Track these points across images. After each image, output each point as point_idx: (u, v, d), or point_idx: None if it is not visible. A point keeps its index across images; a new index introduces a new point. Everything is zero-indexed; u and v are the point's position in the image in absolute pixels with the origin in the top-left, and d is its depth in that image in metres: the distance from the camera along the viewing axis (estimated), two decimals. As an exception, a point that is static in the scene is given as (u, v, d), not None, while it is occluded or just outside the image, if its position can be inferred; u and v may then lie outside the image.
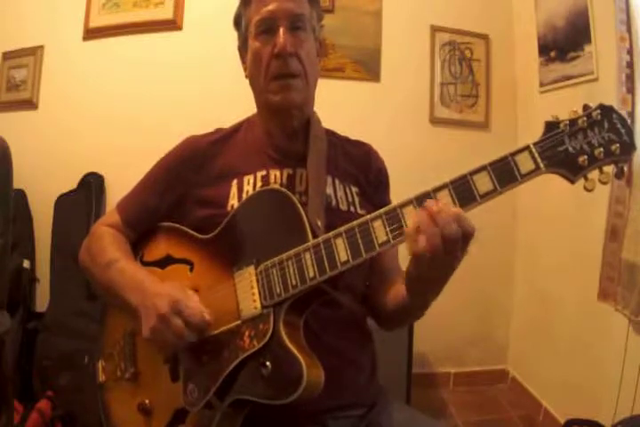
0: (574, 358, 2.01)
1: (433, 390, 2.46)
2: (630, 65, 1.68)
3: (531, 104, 2.42)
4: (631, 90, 1.67)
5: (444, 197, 0.68)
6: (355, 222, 0.74)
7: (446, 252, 0.65)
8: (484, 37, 2.55)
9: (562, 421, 1.87)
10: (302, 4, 0.96)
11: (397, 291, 0.92)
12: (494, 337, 2.59)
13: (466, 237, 0.66)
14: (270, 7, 0.92)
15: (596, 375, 1.83)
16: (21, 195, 2.27)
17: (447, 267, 0.70)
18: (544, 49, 2.25)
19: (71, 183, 2.29)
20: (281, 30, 0.91)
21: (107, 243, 0.98)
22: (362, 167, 1.04)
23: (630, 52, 1.68)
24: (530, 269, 2.46)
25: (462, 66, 2.54)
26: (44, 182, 2.30)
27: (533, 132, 0.67)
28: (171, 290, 0.82)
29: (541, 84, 2.28)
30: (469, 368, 2.55)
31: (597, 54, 1.88)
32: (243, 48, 1.01)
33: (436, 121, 2.52)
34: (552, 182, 0.69)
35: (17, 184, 1.77)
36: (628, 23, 1.69)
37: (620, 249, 1.69)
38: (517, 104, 2.57)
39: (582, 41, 1.96)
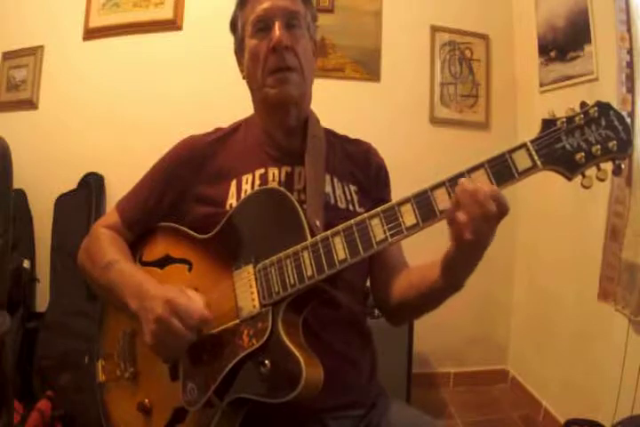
0: (574, 358, 2.01)
1: (433, 390, 2.46)
2: (630, 65, 1.68)
3: (531, 104, 2.42)
4: (631, 90, 1.67)
5: (442, 194, 0.67)
6: (352, 221, 0.74)
7: (485, 230, 0.67)
8: (484, 37, 2.56)
9: (562, 421, 1.87)
10: (297, 2, 0.97)
11: (409, 282, 0.91)
12: (494, 337, 2.59)
13: (502, 213, 0.67)
14: (265, 5, 0.93)
15: (596, 375, 1.83)
16: (21, 195, 2.27)
17: (483, 245, 0.70)
18: (544, 49, 2.25)
19: (71, 183, 2.29)
20: (276, 25, 0.92)
21: (105, 244, 0.98)
22: (361, 165, 1.04)
23: (630, 52, 1.67)
24: (530, 270, 2.46)
25: (462, 66, 2.54)
26: (44, 182, 2.30)
27: (533, 133, 0.67)
28: (166, 291, 0.81)
29: (541, 84, 2.28)
30: (469, 368, 2.55)
31: (597, 54, 1.88)
32: (239, 50, 1.01)
33: (435, 121, 2.52)
34: (552, 182, 0.69)
35: (17, 184, 1.77)
36: (628, 23, 1.69)
37: (620, 249, 1.68)
38: (517, 104, 2.57)
39: (582, 41, 1.96)
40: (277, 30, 0.91)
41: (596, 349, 1.86)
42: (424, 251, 1.01)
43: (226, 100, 1.97)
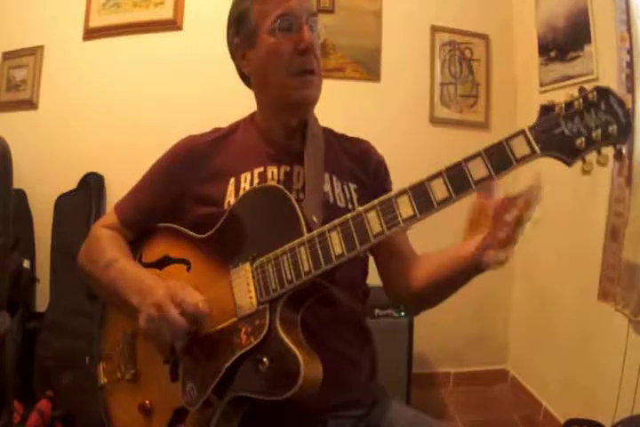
0: (574, 358, 2.00)
1: (433, 390, 2.46)
2: (630, 65, 1.68)
3: (531, 104, 2.42)
4: (631, 90, 1.67)
5: (439, 185, 0.67)
6: (349, 215, 0.73)
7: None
8: (484, 37, 2.56)
9: (562, 421, 1.87)
10: (314, 4, 0.98)
11: (434, 265, 0.88)
12: (494, 337, 2.59)
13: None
14: (293, 4, 0.91)
15: (596, 375, 1.83)
16: (21, 195, 2.27)
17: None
18: (544, 49, 2.25)
19: (71, 183, 2.29)
20: (306, 26, 0.91)
21: (106, 243, 0.98)
22: (361, 164, 1.04)
23: (630, 52, 1.68)
24: (530, 269, 2.46)
25: (462, 66, 2.54)
26: (44, 182, 2.31)
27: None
28: (167, 283, 0.84)
29: (541, 84, 2.28)
30: (469, 368, 2.55)
31: (597, 54, 1.88)
32: (247, 44, 0.96)
33: (436, 121, 2.52)
34: (551, 181, 0.69)
35: (17, 184, 1.78)
36: (628, 23, 1.69)
37: (620, 249, 1.68)
38: (517, 104, 2.57)
39: (582, 41, 1.96)
40: (307, 32, 0.91)
41: (595, 349, 1.86)
42: (423, 248, 1.01)
43: (226, 99, 1.97)
